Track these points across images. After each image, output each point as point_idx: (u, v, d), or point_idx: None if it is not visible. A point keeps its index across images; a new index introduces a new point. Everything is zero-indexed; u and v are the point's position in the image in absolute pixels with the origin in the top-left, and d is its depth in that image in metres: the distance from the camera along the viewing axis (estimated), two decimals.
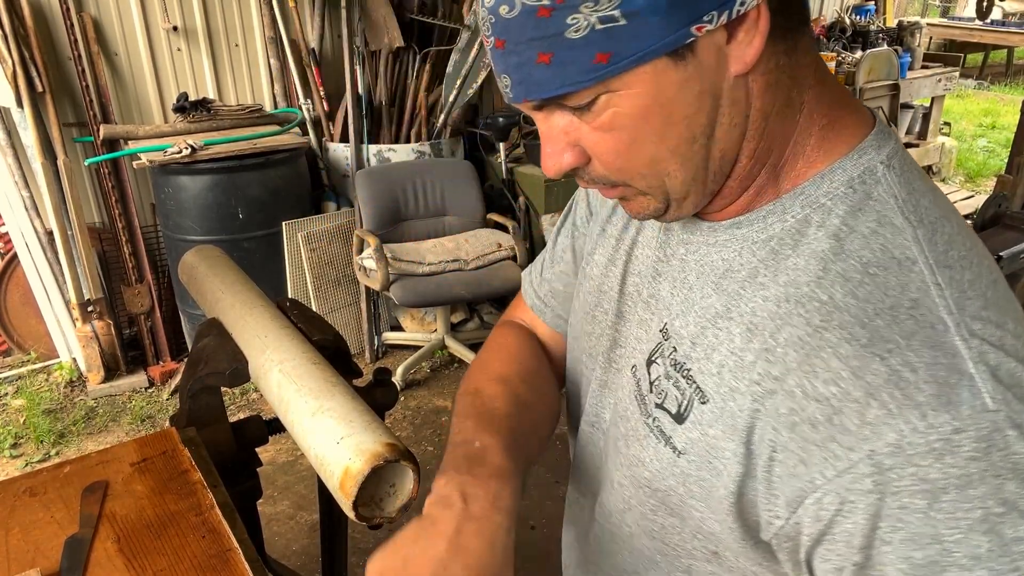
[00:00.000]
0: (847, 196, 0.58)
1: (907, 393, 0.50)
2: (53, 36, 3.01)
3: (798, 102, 0.59)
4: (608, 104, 0.55)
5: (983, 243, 0.60)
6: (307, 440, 0.97)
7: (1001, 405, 0.50)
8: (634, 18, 0.50)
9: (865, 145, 0.59)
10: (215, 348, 1.20)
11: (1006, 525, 0.49)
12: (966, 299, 0.53)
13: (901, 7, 7.57)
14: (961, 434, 0.49)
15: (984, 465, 0.49)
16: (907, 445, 0.50)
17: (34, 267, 3.14)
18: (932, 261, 0.54)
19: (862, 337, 0.53)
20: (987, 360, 0.51)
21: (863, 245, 0.56)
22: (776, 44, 0.56)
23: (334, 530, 1.48)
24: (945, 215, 0.58)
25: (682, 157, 0.57)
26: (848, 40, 5.43)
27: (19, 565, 0.91)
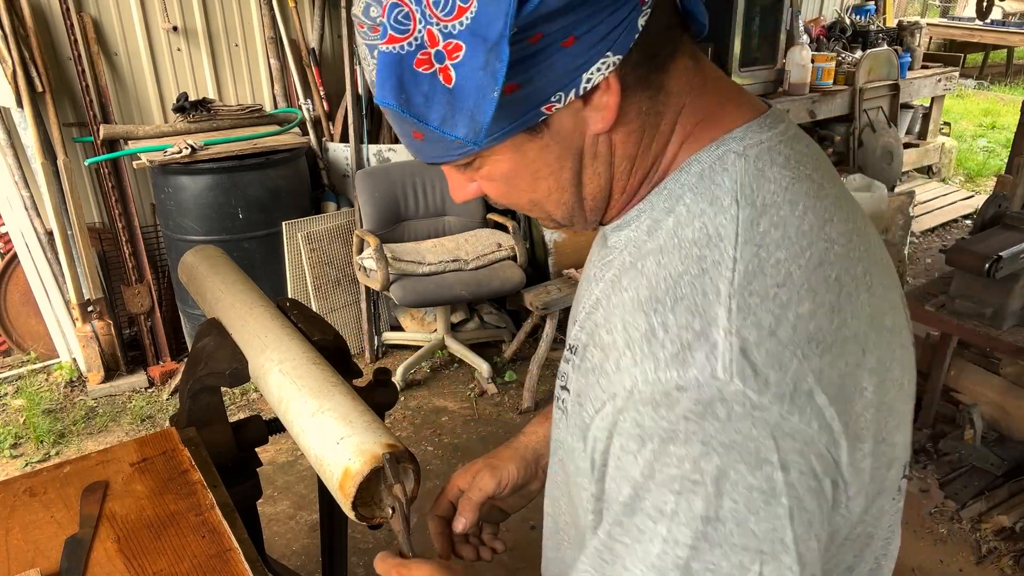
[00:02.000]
0: (696, 184, 0.60)
1: (652, 348, 0.54)
2: (53, 36, 3.01)
3: (667, 130, 0.61)
4: (484, 163, 0.61)
5: (848, 237, 0.59)
6: (307, 440, 0.97)
7: (736, 379, 0.51)
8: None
9: (728, 137, 0.61)
10: (215, 348, 1.20)
11: (697, 496, 0.51)
12: (759, 275, 0.54)
13: (901, 7, 7.57)
14: (681, 392, 0.52)
15: (694, 427, 0.51)
16: (636, 392, 0.54)
17: (34, 267, 3.14)
18: (742, 239, 0.56)
19: (643, 296, 0.57)
20: (745, 335, 0.52)
21: (688, 223, 0.58)
22: (637, 95, 0.58)
23: (334, 530, 1.48)
24: (794, 200, 0.58)
25: (556, 201, 0.63)
26: (848, 40, 5.43)
27: (19, 565, 0.91)
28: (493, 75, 0.50)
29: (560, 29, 0.52)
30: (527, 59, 0.53)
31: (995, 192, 2.83)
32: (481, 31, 0.50)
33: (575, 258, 3.41)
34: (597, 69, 0.54)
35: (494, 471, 0.90)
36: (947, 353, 2.69)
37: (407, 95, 0.53)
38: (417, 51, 0.52)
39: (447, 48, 0.52)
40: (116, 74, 3.19)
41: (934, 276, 3.27)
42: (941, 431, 2.77)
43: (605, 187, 0.63)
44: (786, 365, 0.52)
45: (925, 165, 5.88)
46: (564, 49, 0.53)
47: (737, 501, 0.50)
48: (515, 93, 0.54)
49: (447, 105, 0.53)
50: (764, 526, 0.50)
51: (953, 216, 5.10)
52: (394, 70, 0.53)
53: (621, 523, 0.54)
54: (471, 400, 3.20)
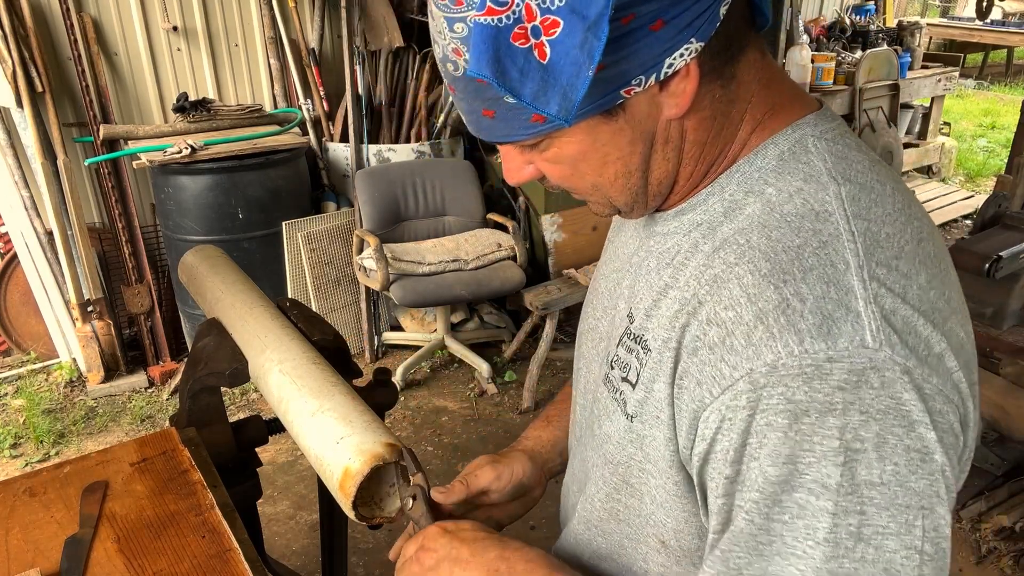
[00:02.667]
0: (779, 166, 0.61)
1: (791, 320, 0.53)
2: (53, 36, 3.01)
3: (737, 119, 0.62)
4: (551, 144, 0.62)
5: (928, 217, 0.63)
6: (307, 440, 0.97)
7: (884, 346, 0.52)
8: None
9: (801, 123, 0.62)
10: (215, 348, 1.20)
11: (860, 464, 0.51)
12: (877, 247, 0.56)
13: (901, 7, 7.57)
14: (833, 363, 0.52)
15: (850, 397, 0.51)
16: (781, 366, 0.53)
17: (34, 267, 3.14)
18: (849, 213, 0.57)
19: (764, 268, 0.56)
20: (882, 303, 0.53)
21: (786, 200, 0.59)
22: (712, 83, 0.60)
23: (334, 530, 1.48)
24: (881, 180, 0.60)
25: (621, 186, 0.64)
26: (848, 40, 5.43)
27: (19, 565, 0.91)
28: (590, 53, 0.51)
29: (651, 11, 0.53)
30: (618, 39, 0.53)
31: (995, 192, 2.83)
32: (581, 8, 0.50)
33: (575, 258, 3.41)
34: (680, 55, 0.55)
35: (495, 466, 0.89)
36: None
37: (503, 68, 0.53)
38: (514, 25, 0.52)
39: (544, 23, 0.52)
40: (116, 74, 3.19)
41: None
42: None
43: (672, 172, 0.63)
44: (919, 331, 0.53)
45: (925, 165, 5.88)
46: (652, 32, 0.54)
47: (898, 463, 0.51)
48: (600, 73, 0.54)
49: (541, 81, 0.53)
50: (923, 483, 0.52)
51: (953, 216, 5.10)
52: (491, 42, 0.53)
53: (779, 501, 0.53)
54: (471, 400, 3.20)
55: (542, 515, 2.39)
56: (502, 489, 0.89)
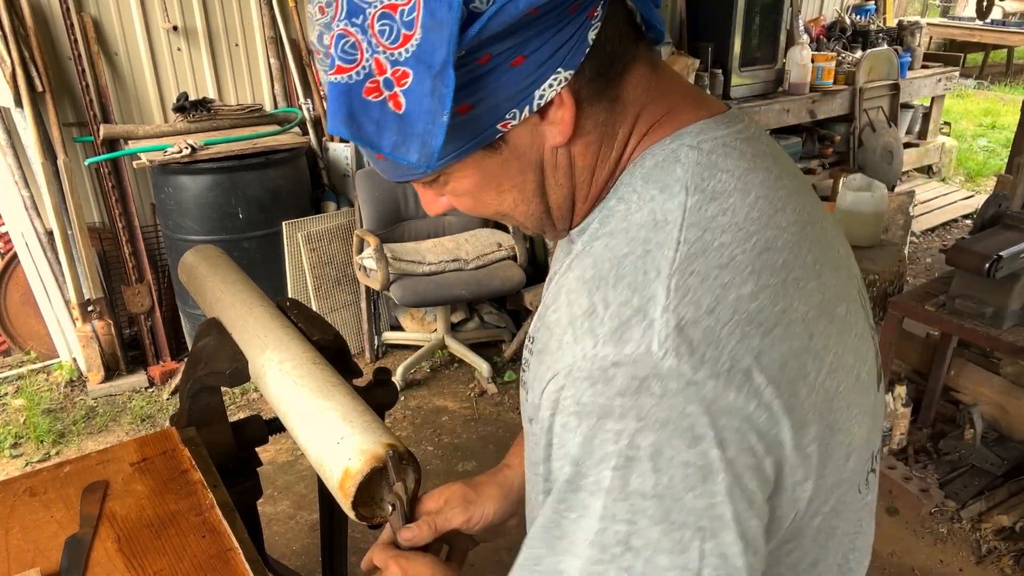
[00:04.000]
0: (648, 175, 0.61)
1: (592, 325, 0.54)
2: (53, 36, 3.01)
3: (625, 137, 0.62)
4: (448, 179, 0.63)
5: (800, 227, 0.60)
6: (307, 440, 0.97)
7: (670, 355, 0.51)
8: None
9: (683, 132, 0.61)
10: (215, 348, 1.20)
11: (634, 472, 0.51)
12: (701, 256, 0.55)
13: (901, 7, 7.57)
14: (618, 368, 0.52)
15: (628, 403, 0.51)
16: (576, 369, 0.54)
17: (34, 267, 3.14)
18: (687, 222, 0.56)
19: (587, 275, 0.57)
20: (681, 312, 0.52)
21: (638, 209, 0.59)
22: (594, 107, 0.59)
23: (334, 530, 1.48)
24: (745, 189, 0.59)
25: (523, 212, 0.65)
26: (848, 40, 5.43)
27: (19, 565, 0.91)
28: (441, 100, 0.51)
29: (508, 49, 0.53)
30: (477, 80, 0.54)
31: (995, 192, 2.83)
32: (426, 58, 0.50)
33: None
34: (549, 85, 0.55)
35: (467, 506, 0.87)
36: (947, 353, 2.69)
37: (358, 124, 0.54)
38: (365, 80, 0.53)
39: (395, 75, 0.52)
40: (116, 74, 3.19)
41: (934, 276, 3.27)
42: (941, 431, 2.77)
43: (569, 196, 0.64)
44: (723, 343, 0.52)
45: (925, 165, 5.88)
46: (513, 68, 0.54)
47: (674, 477, 0.50)
48: (469, 113, 0.55)
49: (398, 132, 0.53)
50: (702, 502, 0.51)
51: (953, 216, 5.10)
52: (344, 100, 0.53)
53: (566, 499, 0.54)
54: (471, 400, 3.20)
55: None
56: (472, 529, 0.88)
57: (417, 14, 0.50)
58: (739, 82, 4.60)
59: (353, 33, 0.52)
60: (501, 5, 0.50)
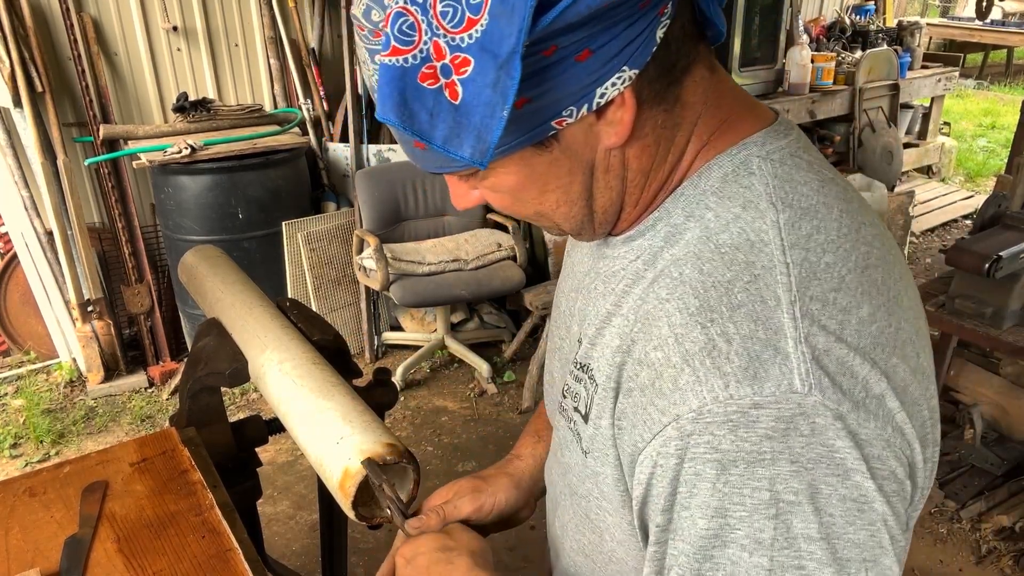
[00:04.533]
0: (721, 189, 0.58)
1: (716, 362, 0.50)
2: (53, 36, 3.01)
3: (683, 142, 0.59)
4: (488, 174, 0.59)
5: (880, 240, 0.58)
6: (307, 440, 0.97)
7: (814, 390, 0.49)
8: None
9: (748, 142, 0.59)
10: (215, 348, 1.20)
11: (795, 517, 0.49)
12: (814, 279, 0.52)
13: (901, 7, 7.57)
14: (760, 410, 0.49)
15: (779, 447, 0.49)
16: (707, 413, 0.50)
17: (34, 267, 3.14)
18: (787, 243, 0.54)
19: (692, 305, 0.53)
20: (814, 342, 0.50)
21: (723, 228, 0.56)
22: (653, 109, 0.56)
23: (334, 530, 1.48)
24: (828, 203, 0.56)
25: (564, 213, 0.61)
26: (848, 40, 5.43)
27: (19, 565, 0.91)
28: (503, 93, 0.48)
29: (576, 42, 0.50)
30: (540, 72, 0.50)
31: (995, 192, 2.83)
32: (492, 46, 0.47)
33: None
34: (612, 84, 0.52)
35: (476, 495, 0.86)
36: (947, 353, 2.69)
37: (410, 111, 0.50)
38: (422, 64, 0.49)
39: (454, 62, 0.48)
40: (116, 74, 3.19)
41: (934, 276, 3.27)
42: (941, 431, 2.76)
43: (617, 200, 0.61)
44: (856, 371, 0.50)
45: (925, 165, 5.88)
46: (578, 63, 0.51)
47: (834, 515, 0.49)
48: (525, 107, 0.52)
49: (453, 122, 0.50)
50: (863, 534, 0.50)
51: (953, 216, 5.10)
52: (397, 85, 0.49)
53: (711, 557, 0.51)
54: (471, 400, 3.20)
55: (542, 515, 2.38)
56: (483, 519, 0.86)
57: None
58: (739, 82, 4.55)
59: (413, 12, 0.48)
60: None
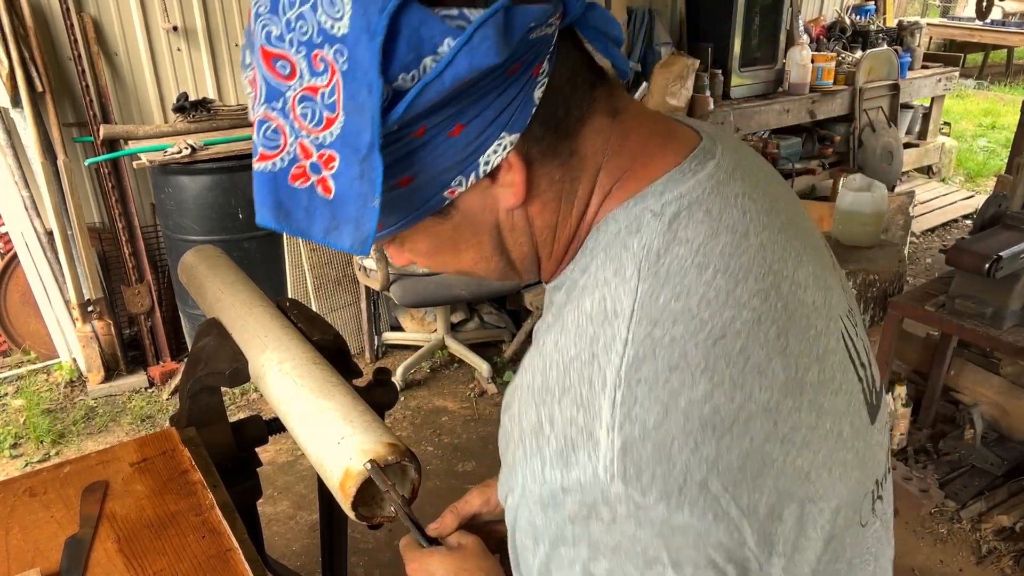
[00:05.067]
0: (609, 246, 0.57)
1: (539, 443, 0.52)
2: (53, 36, 3.01)
3: (586, 193, 0.58)
4: (404, 241, 0.61)
5: (763, 297, 0.55)
6: (307, 440, 0.97)
7: (617, 479, 0.49)
8: None
9: (646, 192, 0.57)
10: (215, 348, 1.20)
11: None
12: (650, 359, 0.51)
13: (901, 7, 7.57)
14: (566, 494, 0.50)
15: (579, 531, 0.50)
16: (527, 491, 0.52)
17: (34, 267, 3.14)
18: (636, 316, 0.52)
19: (536, 383, 0.54)
20: (628, 431, 0.49)
21: (591, 294, 0.55)
22: (547, 165, 0.56)
23: (334, 530, 1.48)
24: (703, 263, 0.54)
25: (484, 268, 0.62)
26: (848, 40, 5.43)
27: (19, 565, 0.91)
28: (371, 184, 0.48)
29: (445, 120, 0.50)
30: (413, 153, 0.51)
31: (995, 192, 2.83)
32: (351, 141, 0.48)
33: None
34: (493, 151, 0.52)
35: (484, 489, 0.88)
36: (947, 353, 2.69)
37: (286, 212, 0.51)
38: (291, 165, 0.50)
39: (321, 159, 0.49)
40: (116, 74, 3.19)
41: (934, 276, 3.27)
42: (941, 431, 2.77)
43: (531, 254, 0.61)
44: (674, 458, 0.49)
45: (925, 165, 5.88)
46: (451, 138, 0.51)
47: None
48: (410, 184, 0.53)
49: (330, 217, 0.51)
50: None
51: (953, 216, 5.10)
52: (269, 188, 0.50)
53: None
54: (471, 400, 3.20)
55: None
56: (492, 512, 0.88)
57: (338, 97, 0.47)
58: (739, 82, 4.60)
59: (274, 118, 0.50)
60: (425, 83, 0.47)
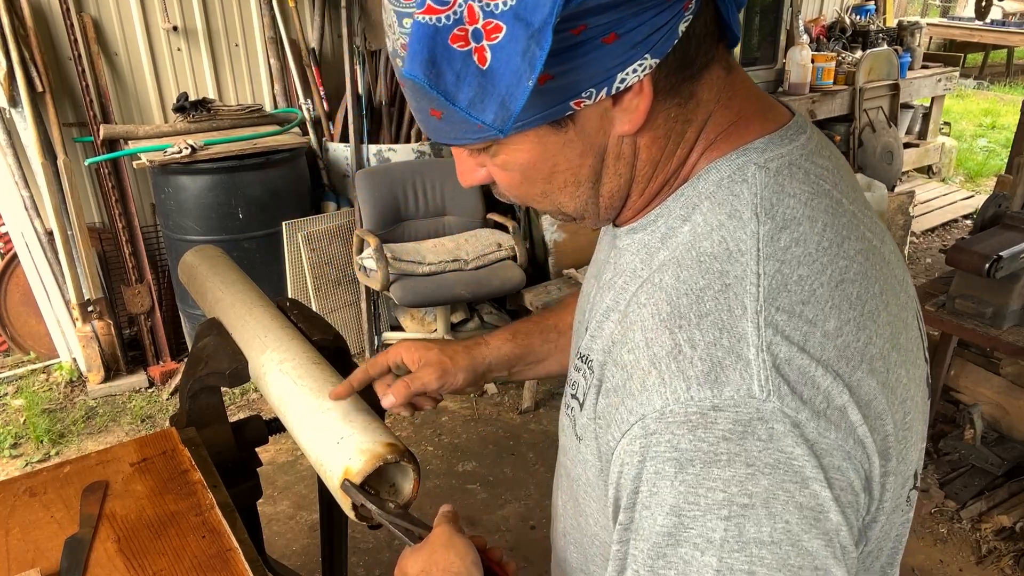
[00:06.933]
0: (714, 194, 0.59)
1: (681, 366, 0.52)
2: (53, 36, 3.01)
3: (692, 139, 0.60)
4: (500, 151, 0.60)
5: (865, 255, 0.59)
6: (307, 440, 0.97)
7: (772, 396, 0.50)
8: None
9: (749, 147, 0.60)
10: (215, 348, 1.20)
11: (748, 520, 0.49)
12: (783, 291, 0.53)
13: (901, 7, 7.57)
14: (719, 412, 0.50)
15: (736, 449, 0.50)
16: (669, 413, 0.52)
17: (34, 267, 3.14)
18: (763, 254, 0.55)
19: (664, 311, 0.55)
20: (775, 351, 0.51)
21: (706, 236, 0.57)
22: (668, 101, 0.57)
23: (334, 530, 1.48)
24: (813, 216, 0.57)
25: (570, 196, 0.62)
26: (848, 40, 5.43)
27: (19, 565, 0.91)
28: (531, 62, 0.48)
29: (604, 24, 0.51)
30: (566, 50, 0.51)
31: (995, 192, 2.83)
32: (525, 14, 0.48)
33: (575, 258, 3.41)
34: (633, 70, 0.53)
35: (443, 374, 0.92)
36: (947, 353, 2.69)
37: (438, 70, 0.51)
38: (454, 26, 0.50)
39: (486, 28, 0.49)
40: (116, 74, 3.19)
41: (934, 276, 3.27)
42: (941, 431, 2.77)
43: (624, 188, 0.62)
44: (818, 382, 0.51)
45: (925, 165, 5.88)
46: (604, 46, 0.51)
47: (789, 521, 0.49)
48: (547, 84, 0.52)
49: (478, 87, 0.51)
50: (817, 543, 0.50)
51: (953, 216, 5.10)
52: (427, 43, 0.50)
53: (664, 555, 0.52)
54: (471, 400, 3.20)
55: (542, 515, 2.39)
56: (437, 393, 0.95)
57: None
58: None
59: None
60: None
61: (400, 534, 0.83)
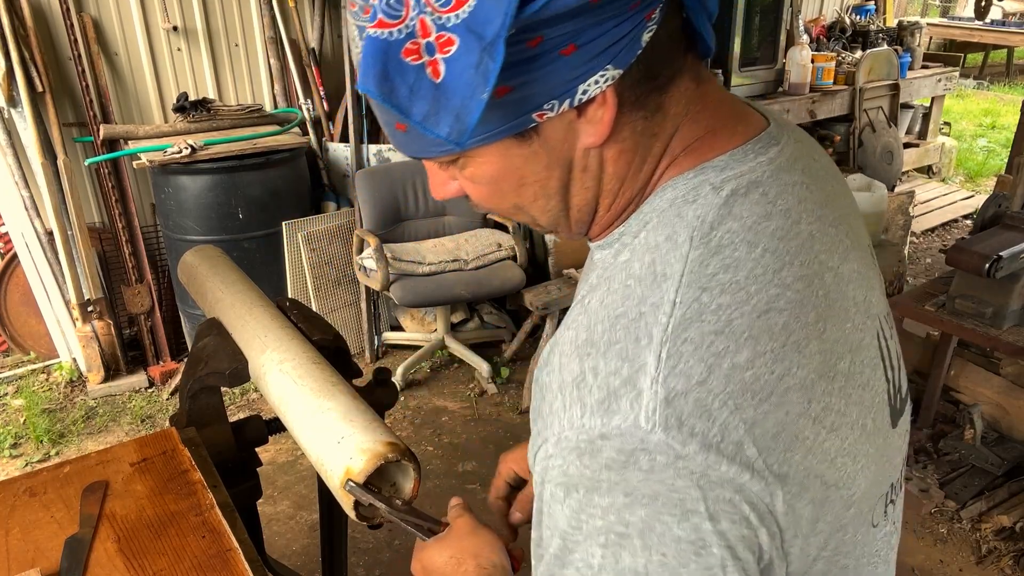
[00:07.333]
0: (664, 213, 0.58)
1: (581, 393, 0.53)
2: (53, 36, 3.01)
3: (659, 154, 0.59)
4: (468, 163, 0.59)
5: (804, 283, 0.57)
6: (307, 440, 0.97)
7: (657, 429, 0.49)
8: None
9: (707, 165, 0.58)
10: (215, 348, 1.20)
11: (624, 550, 0.50)
12: (696, 321, 0.52)
13: (901, 7, 7.57)
14: (605, 440, 0.51)
15: (616, 478, 0.50)
16: (563, 439, 0.53)
17: (34, 267, 3.14)
18: (685, 280, 0.54)
19: (581, 338, 0.55)
20: (671, 384, 0.50)
21: (639, 257, 0.57)
22: (633, 113, 0.56)
23: (334, 530, 1.48)
24: (753, 241, 0.55)
25: (541, 209, 0.61)
26: (848, 40, 5.43)
27: (19, 565, 0.91)
28: (484, 75, 0.47)
29: (562, 35, 0.50)
30: (523, 63, 0.50)
31: (995, 192, 2.83)
32: (477, 27, 0.47)
33: (575, 258, 3.41)
34: (595, 81, 0.52)
35: (517, 455, 0.90)
36: (947, 353, 2.69)
37: (391, 85, 0.50)
38: (406, 39, 0.49)
39: (439, 41, 0.48)
40: (116, 74, 3.19)
41: (934, 276, 3.27)
42: (941, 431, 2.77)
43: (592, 202, 0.61)
44: (714, 415, 0.50)
45: (925, 165, 5.88)
46: (563, 57, 0.51)
47: (666, 554, 0.49)
48: (506, 96, 0.52)
49: (432, 101, 0.50)
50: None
51: (953, 216, 5.10)
52: (380, 57, 0.49)
53: (553, 574, 0.54)
54: (471, 400, 3.20)
55: None
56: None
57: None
58: (739, 82, 4.60)
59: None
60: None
61: (412, 529, 0.83)
